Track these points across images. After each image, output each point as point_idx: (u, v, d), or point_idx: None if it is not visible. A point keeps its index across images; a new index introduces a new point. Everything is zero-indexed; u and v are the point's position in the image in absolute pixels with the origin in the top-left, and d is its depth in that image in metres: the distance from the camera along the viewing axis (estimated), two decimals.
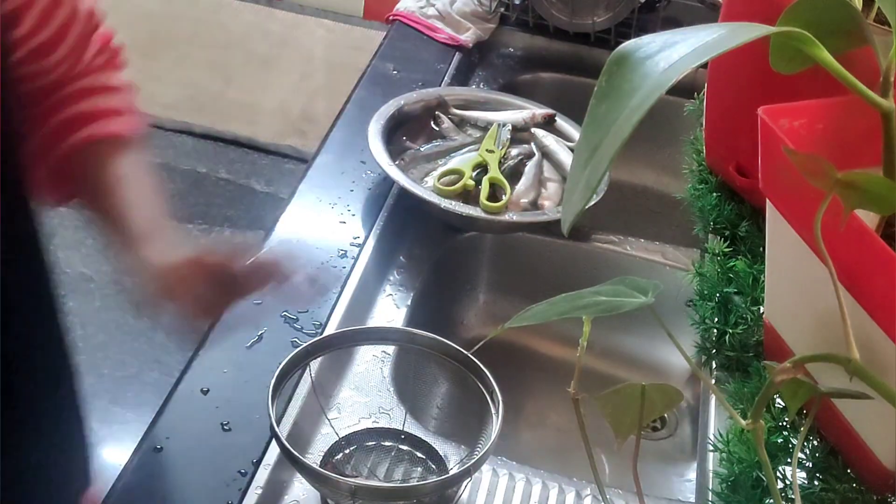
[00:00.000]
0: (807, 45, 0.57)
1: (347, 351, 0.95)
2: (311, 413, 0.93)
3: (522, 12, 1.62)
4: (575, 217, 0.49)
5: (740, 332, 0.92)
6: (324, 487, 0.82)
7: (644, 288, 0.61)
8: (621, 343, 1.23)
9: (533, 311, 0.61)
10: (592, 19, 1.57)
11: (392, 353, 1.00)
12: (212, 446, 0.87)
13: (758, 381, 0.85)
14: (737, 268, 0.97)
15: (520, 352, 1.27)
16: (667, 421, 1.19)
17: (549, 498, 0.89)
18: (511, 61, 1.57)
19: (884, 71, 0.61)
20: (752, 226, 1.04)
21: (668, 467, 1.14)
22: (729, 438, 0.80)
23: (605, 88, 0.49)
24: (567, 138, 1.30)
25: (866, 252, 0.62)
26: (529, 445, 1.18)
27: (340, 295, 1.05)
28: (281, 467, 0.86)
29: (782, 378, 0.56)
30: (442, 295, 1.23)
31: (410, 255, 1.17)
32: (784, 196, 0.73)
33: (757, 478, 0.77)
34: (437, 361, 0.91)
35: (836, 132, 0.73)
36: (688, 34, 0.51)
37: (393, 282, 1.12)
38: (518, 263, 1.25)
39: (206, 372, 0.94)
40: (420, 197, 1.14)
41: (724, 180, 1.10)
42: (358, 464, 0.91)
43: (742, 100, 0.99)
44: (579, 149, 0.48)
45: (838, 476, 0.75)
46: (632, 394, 0.61)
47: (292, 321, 1.01)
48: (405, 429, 0.93)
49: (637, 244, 1.20)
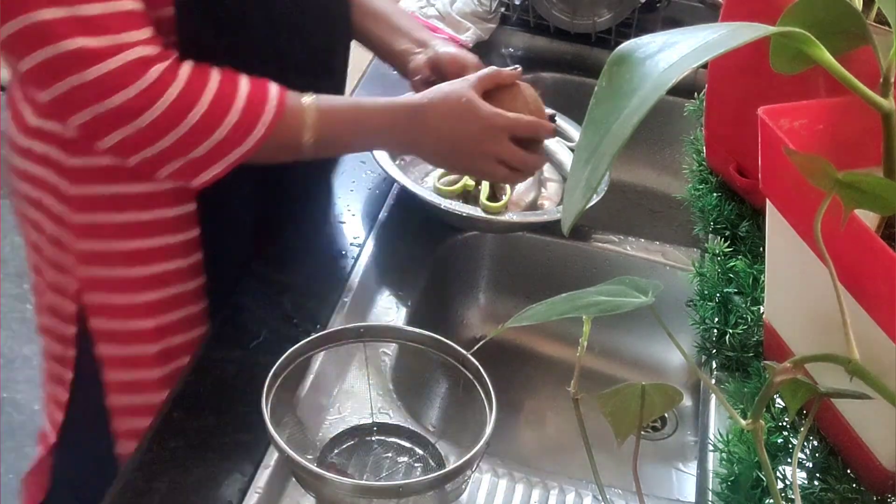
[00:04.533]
0: (807, 45, 0.57)
1: (346, 349, 0.95)
2: (309, 412, 0.93)
3: (523, 12, 1.63)
4: (575, 217, 0.49)
5: (740, 332, 0.92)
6: (320, 486, 0.82)
7: (644, 288, 0.61)
8: (621, 343, 1.23)
9: (533, 311, 0.62)
10: (593, 19, 1.57)
11: (391, 353, 1.00)
12: (212, 446, 0.87)
13: (758, 381, 0.85)
14: (737, 268, 0.97)
15: (520, 351, 1.27)
16: (667, 421, 1.19)
17: (549, 498, 0.89)
18: (511, 61, 1.57)
19: (884, 71, 0.61)
20: (752, 226, 1.04)
21: (668, 467, 1.14)
22: (729, 438, 0.80)
23: (605, 89, 0.49)
24: (567, 138, 1.30)
25: (866, 252, 0.63)
26: (529, 445, 1.18)
27: (340, 295, 1.05)
28: (281, 468, 0.86)
29: (782, 378, 0.56)
30: (442, 295, 1.23)
31: (410, 255, 1.17)
32: (784, 196, 0.73)
33: (757, 478, 0.77)
34: (437, 361, 0.91)
35: (836, 132, 0.73)
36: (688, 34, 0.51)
37: (393, 282, 1.12)
38: (518, 263, 1.25)
39: (207, 371, 0.94)
40: (421, 197, 1.14)
41: (724, 180, 1.11)
42: (356, 463, 0.91)
43: (742, 100, 0.99)
44: (579, 149, 0.49)
45: (838, 476, 0.75)
46: (632, 394, 0.61)
47: (292, 320, 1.01)
48: (405, 427, 0.93)
49: (637, 244, 1.20)
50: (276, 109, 0.95)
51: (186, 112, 0.91)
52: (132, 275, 1.05)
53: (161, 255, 1.05)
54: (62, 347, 1.10)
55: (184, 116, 0.91)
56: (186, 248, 1.06)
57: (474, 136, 1.01)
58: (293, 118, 0.96)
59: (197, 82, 0.92)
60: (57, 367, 1.11)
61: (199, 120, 0.92)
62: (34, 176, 1.04)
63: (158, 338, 1.07)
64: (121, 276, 1.05)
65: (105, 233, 1.03)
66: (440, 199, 1.14)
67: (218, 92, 0.93)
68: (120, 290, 1.05)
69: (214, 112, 0.92)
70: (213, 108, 0.92)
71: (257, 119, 0.94)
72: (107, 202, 1.02)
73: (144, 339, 1.07)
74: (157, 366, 1.08)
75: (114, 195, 1.01)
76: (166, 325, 1.07)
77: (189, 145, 0.93)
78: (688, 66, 0.48)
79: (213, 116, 0.92)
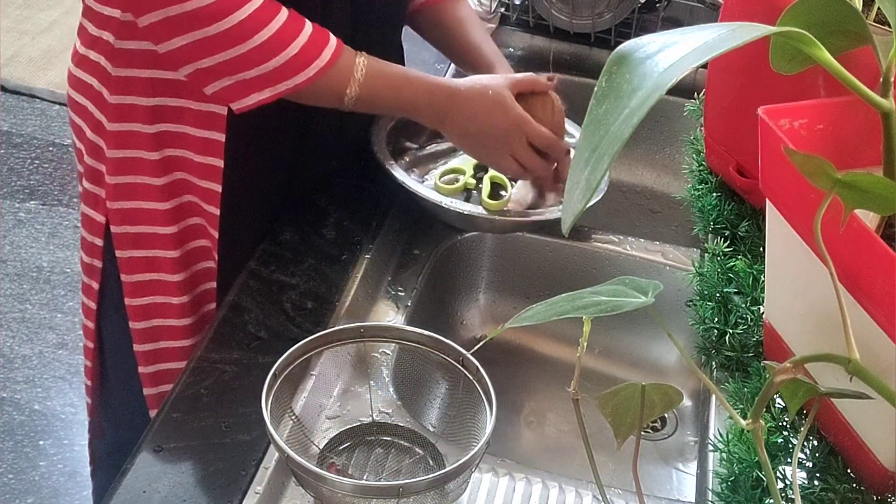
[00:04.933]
0: (807, 45, 0.57)
1: (346, 349, 0.95)
2: (309, 412, 0.93)
3: (523, 12, 1.63)
4: (575, 217, 0.49)
5: (740, 332, 0.92)
6: (320, 486, 0.82)
7: (644, 288, 0.61)
8: (621, 343, 1.23)
9: (533, 311, 0.62)
10: (593, 19, 1.57)
11: (391, 352, 1.00)
12: (212, 446, 0.87)
13: (758, 381, 0.85)
14: (737, 268, 0.97)
15: (520, 351, 1.27)
16: (667, 421, 1.19)
17: (549, 498, 0.89)
18: (511, 61, 1.56)
19: (884, 71, 0.61)
20: (752, 226, 1.04)
21: (668, 467, 1.14)
22: (729, 438, 0.80)
23: (605, 88, 0.49)
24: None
25: (866, 252, 0.63)
26: (529, 445, 1.18)
27: (340, 295, 1.05)
28: (281, 467, 0.86)
29: (782, 378, 0.56)
30: (442, 295, 1.23)
31: (410, 255, 1.17)
32: (784, 196, 0.73)
33: (757, 478, 0.77)
34: (437, 361, 0.91)
35: (836, 132, 0.73)
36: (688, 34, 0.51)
37: (393, 282, 1.12)
38: (518, 263, 1.25)
39: (207, 372, 0.94)
40: (422, 196, 1.14)
41: (724, 180, 1.11)
42: (356, 463, 0.91)
43: (742, 100, 0.99)
44: (579, 149, 0.49)
45: (838, 476, 0.75)
46: (632, 394, 0.61)
47: (292, 320, 1.01)
48: (405, 427, 0.93)
49: (637, 244, 1.20)
50: (331, 55, 1.02)
51: (254, 32, 0.97)
52: (157, 183, 1.12)
53: (182, 165, 1.11)
54: (90, 258, 1.19)
55: (251, 35, 0.97)
56: (207, 172, 1.11)
57: (499, 129, 1.10)
58: (344, 69, 1.04)
59: (270, 8, 0.99)
60: (87, 277, 1.22)
61: (262, 42, 0.98)
62: (85, 83, 1.12)
63: (178, 244, 1.16)
64: (146, 184, 1.12)
65: (136, 142, 1.10)
66: (441, 198, 1.14)
67: (286, 23, 0.99)
68: (143, 198, 1.13)
69: (278, 39, 0.99)
70: (278, 35, 0.98)
71: (313, 59, 1.01)
72: (141, 113, 1.08)
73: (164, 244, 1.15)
74: (177, 272, 1.16)
75: (150, 107, 1.08)
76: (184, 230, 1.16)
77: (245, 64, 0.99)
78: (688, 66, 0.48)
79: (276, 42, 0.98)
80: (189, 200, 1.14)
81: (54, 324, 2.32)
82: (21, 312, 2.35)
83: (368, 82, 1.05)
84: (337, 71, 1.03)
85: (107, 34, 1.07)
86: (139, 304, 1.17)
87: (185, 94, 1.06)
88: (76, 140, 1.18)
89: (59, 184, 2.75)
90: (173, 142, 1.10)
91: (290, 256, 1.10)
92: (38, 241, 2.56)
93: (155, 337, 1.19)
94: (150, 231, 1.14)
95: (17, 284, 2.42)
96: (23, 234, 2.57)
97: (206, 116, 1.08)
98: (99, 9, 1.07)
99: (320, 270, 1.08)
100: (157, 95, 1.07)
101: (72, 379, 2.19)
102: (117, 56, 1.07)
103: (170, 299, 1.17)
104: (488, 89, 1.10)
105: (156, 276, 1.16)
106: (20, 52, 3.26)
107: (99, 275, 1.19)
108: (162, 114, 1.08)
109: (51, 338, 2.29)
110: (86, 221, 1.18)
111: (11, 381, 2.18)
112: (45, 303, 2.38)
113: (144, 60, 1.05)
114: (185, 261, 1.17)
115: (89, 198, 1.16)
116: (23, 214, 2.64)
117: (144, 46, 1.04)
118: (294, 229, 1.14)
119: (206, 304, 1.20)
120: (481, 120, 1.10)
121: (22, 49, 3.28)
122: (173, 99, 1.07)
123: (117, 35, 1.06)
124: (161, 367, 1.20)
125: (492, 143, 1.11)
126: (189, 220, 1.15)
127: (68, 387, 2.17)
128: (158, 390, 1.21)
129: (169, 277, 1.16)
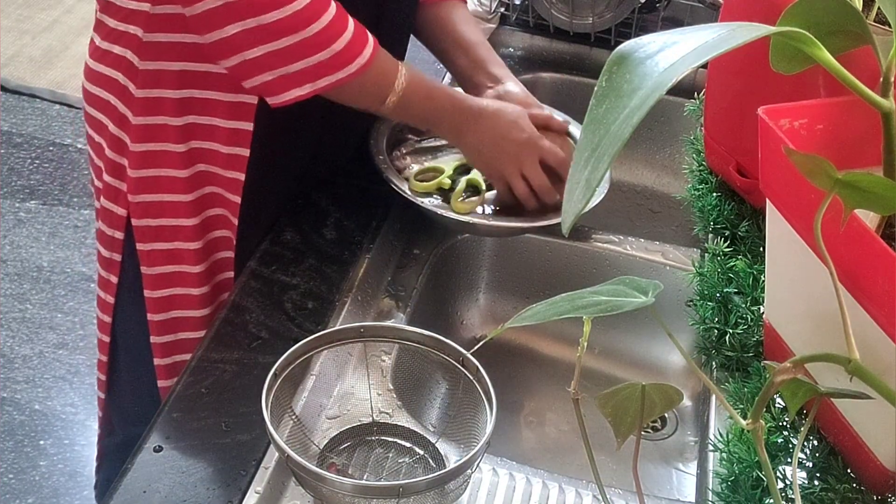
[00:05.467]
0: (807, 45, 0.57)
1: (346, 349, 0.95)
2: (309, 412, 0.93)
3: (522, 12, 1.63)
4: (575, 218, 0.49)
5: (740, 332, 0.92)
6: (320, 486, 0.82)
7: (644, 288, 0.61)
8: (621, 343, 1.23)
9: (533, 311, 0.62)
10: (592, 19, 1.57)
11: (391, 352, 1.00)
12: (212, 446, 0.87)
13: (758, 381, 0.85)
14: (737, 268, 0.97)
15: (519, 351, 1.27)
16: (667, 421, 1.19)
17: (549, 498, 0.89)
18: (511, 61, 1.57)
19: (884, 71, 0.61)
20: (752, 226, 1.04)
21: (668, 467, 1.14)
22: (729, 438, 0.80)
23: (605, 88, 0.49)
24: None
25: (866, 252, 0.63)
26: (529, 445, 1.18)
27: (340, 295, 1.05)
28: (281, 467, 0.86)
29: (782, 378, 0.56)
30: (442, 295, 1.23)
31: (410, 255, 1.17)
32: (784, 196, 0.73)
33: (757, 478, 0.77)
34: (437, 361, 0.91)
35: (836, 132, 0.73)
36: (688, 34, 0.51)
37: (393, 282, 1.12)
38: (518, 263, 1.25)
39: (207, 371, 0.94)
40: (420, 205, 1.13)
41: (724, 180, 1.11)
42: (356, 463, 0.91)
43: (742, 100, 0.99)
44: (579, 149, 0.48)
45: (838, 476, 0.75)
46: (632, 394, 0.61)
47: (292, 320, 1.01)
48: (405, 427, 0.93)
49: (637, 244, 1.20)
50: (371, 53, 1.03)
51: (307, 24, 0.98)
52: (181, 175, 1.12)
53: (206, 157, 1.12)
54: (110, 253, 1.19)
55: (304, 26, 0.98)
56: (232, 162, 1.12)
57: (514, 145, 1.13)
58: (388, 74, 1.06)
59: (324, 1, 1.00)
60: (104, 272, 1.22)
61: (314, 35, 0.99)
62: (107, 78, 1.12)
63: (199, 236, 1.17)
64: (169, 176, 1.12)
65: (162, 135, 1.10)
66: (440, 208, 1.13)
67: (335, 16, 1.00)
68: (166, 191, 1.13)
69: (328, 32, 1.00)
70: (329, 28, 0.99)
71: (356, 55, 1.02)
72: (169, 105, 1.09)
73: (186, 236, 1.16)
74: (198, 263, 1.17)
75: (178, 99, 1.08)
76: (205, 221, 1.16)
77: (292, 57, 0.99)
78: (688, 66, 0.48)
79: (326, 36, 1.00)
80: (211, 191, 1.14)
81: (54, 324, 2.32)
82: (21, 312, 2.35)
83: (408, 91, 1.07)
84: (380, 71, 1.04)
85: (133, 28, 1.07)
86: (159, 296, 1.18)
87: (215, 85, 1.07)
88: (94, 135, 1.17)
89: (60, 184, 2.75)
90: (201, 133, 1.10)
91: (290, 256, 1.10)
92: (38, 241, 2.56)
93: (173, 328, 1.20)
94: (173, 224, 1.14)
95: (17, 284, 2.42)
96: (23, 234, 2.57)
97: (235, 107, 1.08)
98: (123, 3, 1.07)
99: (321, 270, 1.08)
100: (185, 87, 1.08)
101: (72, 379, 2.19)
102: (145, 49, 1.07)
103: (190, 290, 1.18)
104: (508, 109, 1.14)
105: (177, 268, 1.17)
106: (20, 51, 3.26)
107: (118, 269, 1.19)
108: (190, 106, 1.09)
109: (51, 338, 2.29)
110: (105, 216, 1.18)
111: (11, 381, 2.18)
112: (45, 303, 2.38)
113: (175, 53, 1.06)
114: (205, 252, 1.17)
115: (110, 192, 1.16)
116: (23, 214, 2.64)
117: (175, 39, 1.04)
118: (294, 229, 1.14)
119: (224, 293, 1.20)
120: (499, 137, 1.12)
121: (22, 49, 3.28)
122: (202, 91, 1.08)
123: (146, 28, 1.06)
124: (177, 359, 1.21)
125: (505, 159, 1.13)
126: (210, 211, 1.16)
127: (68, 387, 2.17)
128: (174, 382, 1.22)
129: (190, 269, 1.17)
